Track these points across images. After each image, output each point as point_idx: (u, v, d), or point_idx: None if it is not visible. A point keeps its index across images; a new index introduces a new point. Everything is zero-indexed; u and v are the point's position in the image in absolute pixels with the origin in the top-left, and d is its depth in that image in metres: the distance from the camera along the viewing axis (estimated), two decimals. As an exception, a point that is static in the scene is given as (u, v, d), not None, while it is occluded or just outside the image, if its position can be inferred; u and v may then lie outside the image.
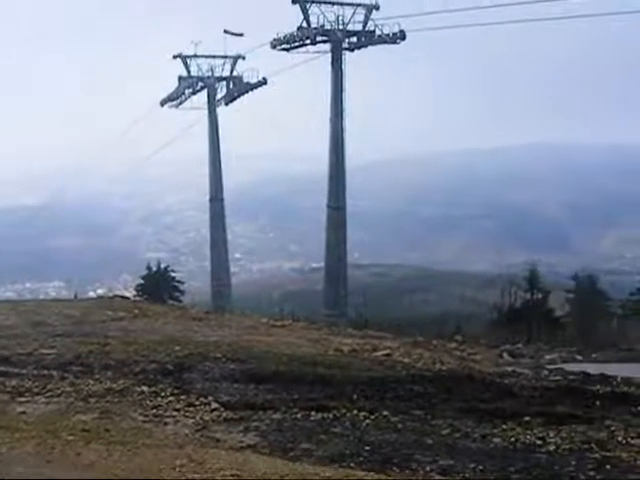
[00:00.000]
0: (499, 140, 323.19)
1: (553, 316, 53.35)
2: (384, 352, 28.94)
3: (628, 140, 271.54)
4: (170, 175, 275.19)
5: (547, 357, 34.17)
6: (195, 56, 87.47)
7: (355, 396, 16.74)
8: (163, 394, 16.72)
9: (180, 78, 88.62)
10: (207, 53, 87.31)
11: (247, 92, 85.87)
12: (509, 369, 27.08)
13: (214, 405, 15.70)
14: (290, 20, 69.87)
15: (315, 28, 69.45)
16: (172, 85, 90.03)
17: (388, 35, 69.60)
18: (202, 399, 16.20)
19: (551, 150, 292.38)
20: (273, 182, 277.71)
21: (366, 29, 70.15)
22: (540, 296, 53.94)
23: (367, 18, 70.01)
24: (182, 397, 16.42)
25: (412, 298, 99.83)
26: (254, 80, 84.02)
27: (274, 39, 71.25)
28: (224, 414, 15.06)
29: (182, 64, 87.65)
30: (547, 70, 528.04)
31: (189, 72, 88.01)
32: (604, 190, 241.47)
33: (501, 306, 54.83)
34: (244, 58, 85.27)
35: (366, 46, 70.74)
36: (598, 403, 16.87)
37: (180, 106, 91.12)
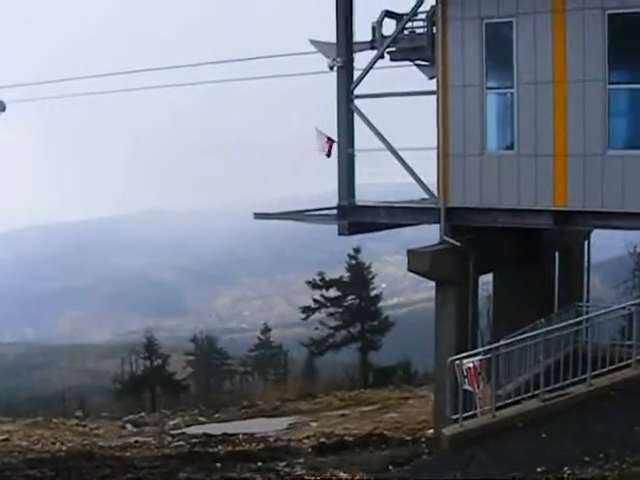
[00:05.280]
0: (109, 209, 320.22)
1: (175, 380, 53.46)
2: (1, 437, 27.49)
3: (231, 203, 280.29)
4: None
5: (171, 422, 34.05)
6: None
7: (-38, 493, 15.40)
8: None
9: None
10: None
11: None
12: (132, 440, 26.61)
13: None
14: None
15: None
16: None
17: (-15, 106, 66.96)
18: None
19: (161, 217, 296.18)
20: None
21: (-38, 99, 67.03)
22: (160, 361, 53.90)
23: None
24: None
25: (32, 376, 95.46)
26: None
27: None
28: None
29: None
30: (153, 136, 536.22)
31: None
32: (217, 252, 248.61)
33: (122, 375, 54.09)
34: None
35: (-38, 116, 67.48)
36: (219, 465, 16.89)
37: None
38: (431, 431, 20.72)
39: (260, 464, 16.86)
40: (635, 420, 13.75)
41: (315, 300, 52.28)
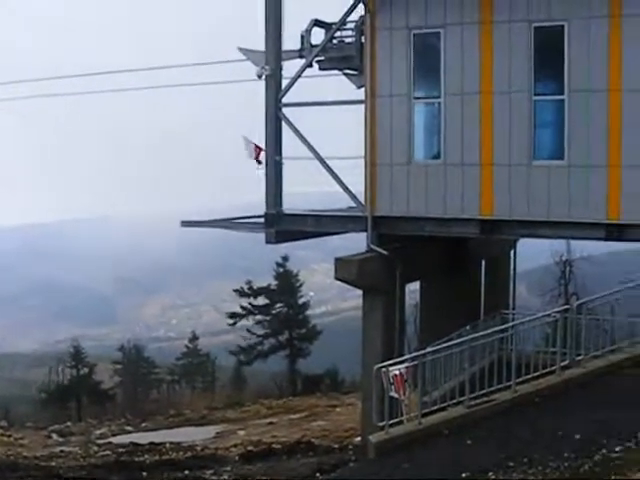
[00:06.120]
0: (46, 216, 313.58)
1: (101, 389, 52.84)
2: None
3: (161, 210, 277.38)
4: None
5: (97, 432, 33.64)
6: None
7: None
8: None
9: None
10: None
11: None
12: (58, 450, 26.22)
13: None
14: None
15: None
16: None
17: None
18: None
19: (92, 224, 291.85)
20: None
21: None
22: (87, 370, 53.25)
23: None
24: None
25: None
26: None
27: None
28: None
29: None
30: (106, 142, 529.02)
31: None
32: (146, 260, 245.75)
33: (48, 385, 53.29)
34: None
35: None
36: (146, 473, 16.75)
37: None
38: (358, 438, 20.78)
39: (187, 472, 16.79)
40: (559, 426, 13.95)
41: (243, 307, 52.19)
